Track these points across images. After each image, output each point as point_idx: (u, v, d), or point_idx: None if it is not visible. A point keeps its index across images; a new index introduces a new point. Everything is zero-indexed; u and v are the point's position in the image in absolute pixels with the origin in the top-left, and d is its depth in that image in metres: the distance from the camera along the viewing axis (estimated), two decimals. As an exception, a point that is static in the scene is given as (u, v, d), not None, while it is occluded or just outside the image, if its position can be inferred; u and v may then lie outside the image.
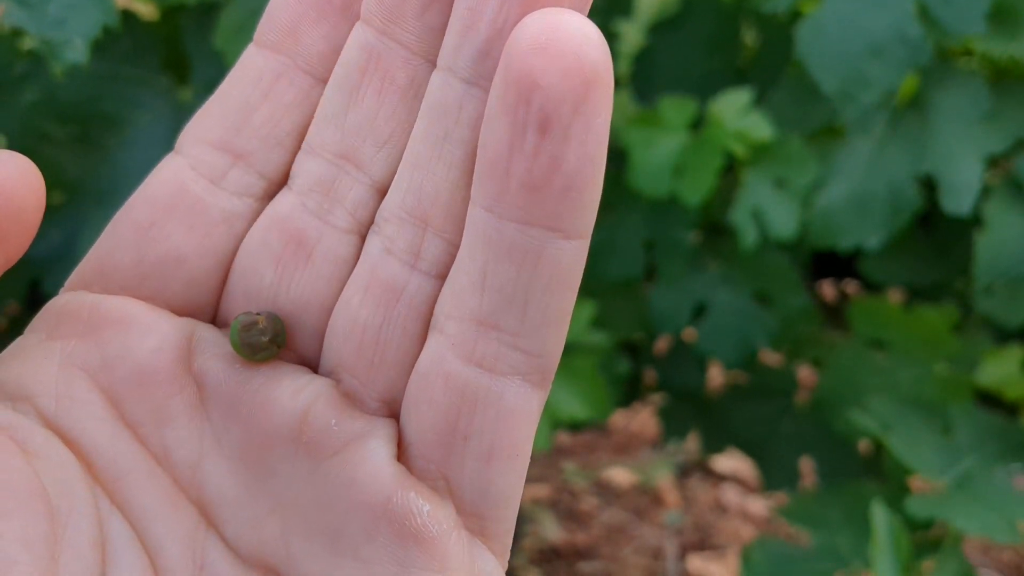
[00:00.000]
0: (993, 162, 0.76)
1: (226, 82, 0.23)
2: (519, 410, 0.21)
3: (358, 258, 0.22)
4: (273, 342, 0.22)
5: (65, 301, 0.22)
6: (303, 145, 0.22)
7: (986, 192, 0.73)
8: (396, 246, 0.21)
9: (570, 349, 0.74)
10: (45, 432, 0.21)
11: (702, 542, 1.28)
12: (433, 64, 0.21)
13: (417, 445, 0.21)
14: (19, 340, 0.22)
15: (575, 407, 0.72)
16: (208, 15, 0.56)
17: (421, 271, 0.21)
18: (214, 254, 0.23)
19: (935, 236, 0.82)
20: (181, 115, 0.58)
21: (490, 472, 0.21)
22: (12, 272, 0.70)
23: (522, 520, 1.25)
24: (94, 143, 0.58)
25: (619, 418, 1.46)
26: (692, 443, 1.20)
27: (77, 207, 0.58)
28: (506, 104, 0.18)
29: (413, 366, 0.21)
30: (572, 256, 0.20)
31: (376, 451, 0.21)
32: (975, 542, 1.20)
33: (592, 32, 0.18)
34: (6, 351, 0.22)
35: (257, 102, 0.23)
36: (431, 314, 0.21)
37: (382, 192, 0.22)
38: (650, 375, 0.93)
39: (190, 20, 0.57)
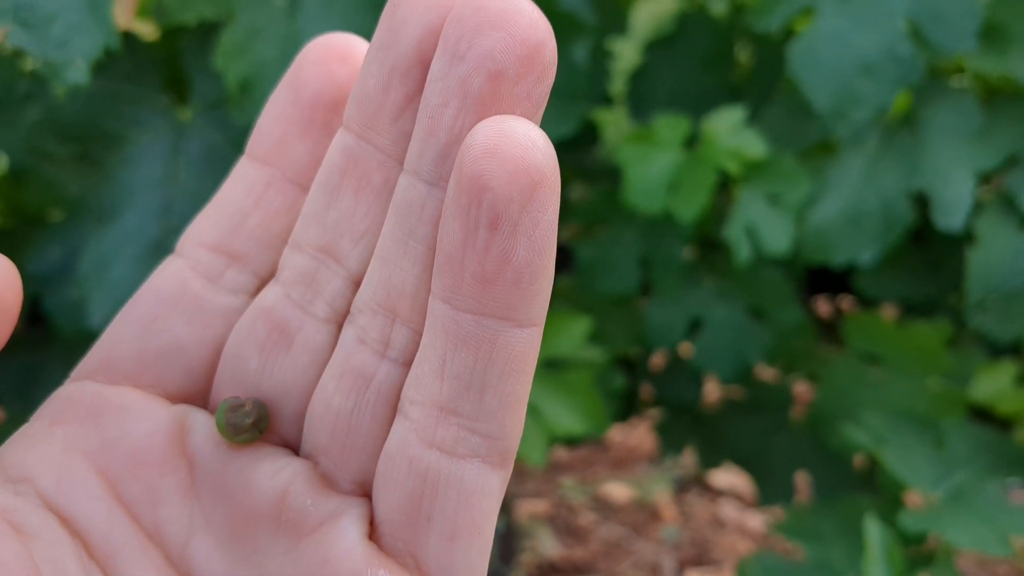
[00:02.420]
0: (985, 178, 0.77)
1: (221, 191, 0.26)
2: (479, 491, 0.21)
3: (335, 346, 0.23)
4: (255, 425, 0.23)
5: (70, 391, 0.24)
6: (290, 240, 0.24)
7: (978, 208, 0.74)
8: (368, 335, 0.22)
9: (566, 364, 0.75)
10: (42, 512, 0.22)
11: (700, 557, 1.28)
12: None
13: (386, 524, 0.22)
14: (25, 427, 0.24)
15: (571, 422, 0.73)
16: (207, 36, 0.57)
17: (390, 359, 0.22)
18: (211, 345, 0.25)
19: (928, 252, 0.83)
20: (181, 133, 0.59)
21: (454, 550, 0.22)
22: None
23: (520, 536, 1.25)
24: (95, 161, 0.58)
25: (617, 433, 1.47)
26: (690, 458, 1.20)
27: (77, 224, 0.59)
28: (459, 204, 0.20)
29: (382, 449, 0.22)
30: (525, 344, 0.21)
31: (348, 530, 0.22)
32: (971, 556, 1.20)
33: (538, 137, 0.19)
34: (12, 437, 0.23)
35: (250, 209, 0.25)
36: (398, 399, 0.22)
37: (358, 283, 0.23)
38: (646, 390, 0.94)
39: (190, 41, 0.58)
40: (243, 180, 0.25)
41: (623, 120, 0.84)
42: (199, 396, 0.25)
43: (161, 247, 0.57)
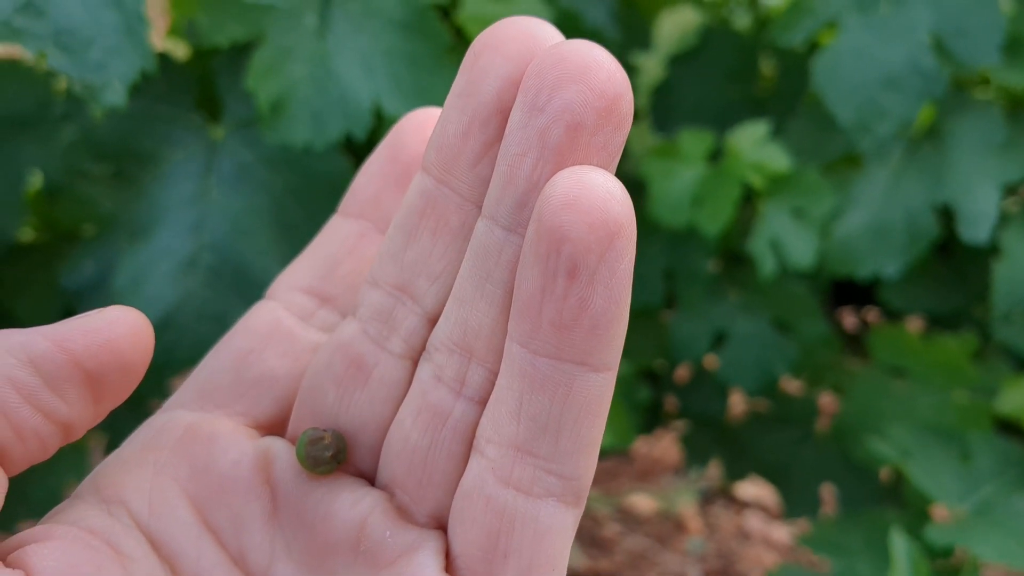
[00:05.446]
0: (1010, 190, 0.76)
1: (313, 244, 0.27)
2: (554, 529, 0.22)
3: (410, 381, 0.24)
4: (335, 457, 0.24)
5: (163, 420, 0.25)
6: (367, 277, 0.25)
7: (1003, 220, 0.74)
8: (445, 373, 0.23)
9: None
10: (136, 535, 0.23)
11: (725, 569, 1.27)
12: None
13: (463, 558, 0.23)
14: (118, 451, 0.25)
15: (597, 434, 0.73)
16: (239, 57, 0.57)
17: (466, 397, 0.23)
18: (301, 378, 0.26)
19: (953, 264, 0.82)
20: (212, 152, 0.59)
21: None
22: (47, 303, 0.70)
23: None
24: (128, 179, 0.59)
25: (641, 445, 1.47)
26: (715, 470, 1.20)
27: (110, 240, 0.60)
28: (538, 253, 0.20)
29: (457, 484, 0.23)
30: (600, 387, 0.21)
31: (427, 563, 0.22)
32: (999, 569, 1.20)
33: (615, 188, 0.20)
34: (106, 460, 0.25)
35: (343, 257, 0.27)
36: (473, 436, 0.23)
37: (432, 321, 0.24)
38: (671, 402, 0.94)
39: (222, 61, 0.59)
40: (337, 233, 0.27)
41: (647, 134, 0.84)
42: (286, 425, 0.26)
43: (193, 264, 0.58)
